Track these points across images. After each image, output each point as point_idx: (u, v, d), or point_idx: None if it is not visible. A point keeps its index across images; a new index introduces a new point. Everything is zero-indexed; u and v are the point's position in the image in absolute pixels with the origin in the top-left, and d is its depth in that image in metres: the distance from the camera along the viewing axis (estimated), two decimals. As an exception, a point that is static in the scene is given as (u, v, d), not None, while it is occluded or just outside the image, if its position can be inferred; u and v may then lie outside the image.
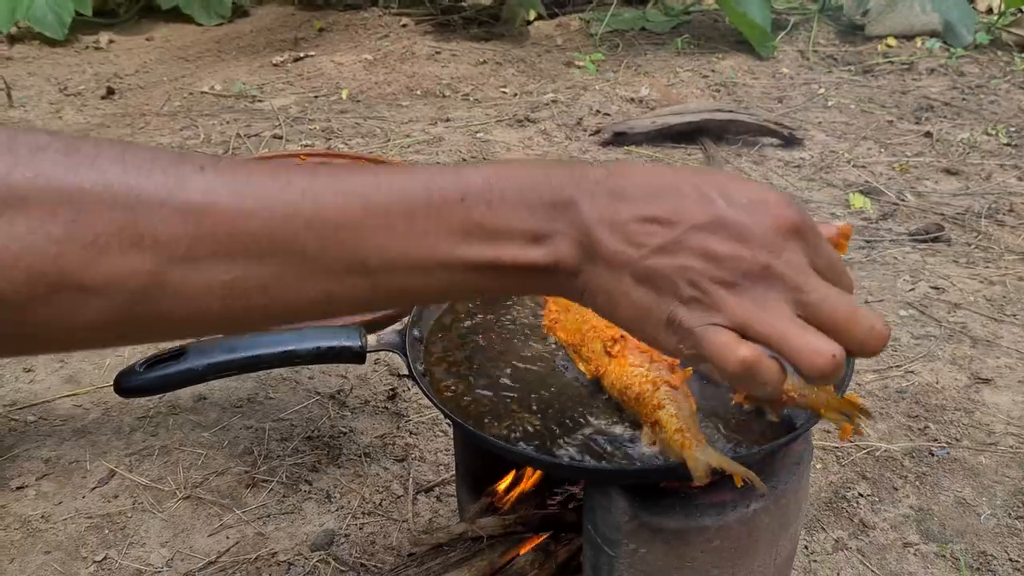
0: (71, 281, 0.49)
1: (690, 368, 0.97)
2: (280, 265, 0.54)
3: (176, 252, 0.51)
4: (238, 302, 0.54)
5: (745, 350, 0.56)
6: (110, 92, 3.39)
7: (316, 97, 3.32)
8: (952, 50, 3.71)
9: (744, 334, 0.57)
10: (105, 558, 1.31)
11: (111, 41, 4.11)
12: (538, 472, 1.10)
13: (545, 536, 1.06)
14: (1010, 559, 1.30)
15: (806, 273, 0.58)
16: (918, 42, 3.79)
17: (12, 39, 4.00)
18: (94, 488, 1.44)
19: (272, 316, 0.57)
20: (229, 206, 0.53)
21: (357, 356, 1.06)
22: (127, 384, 1.04)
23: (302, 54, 3.80)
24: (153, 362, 1.04)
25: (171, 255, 0.51)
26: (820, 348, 0.56)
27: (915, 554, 1.32)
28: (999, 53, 3.72)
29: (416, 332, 1.08)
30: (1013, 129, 2.94)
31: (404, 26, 4.14)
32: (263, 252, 0.54)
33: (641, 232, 0.57)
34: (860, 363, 1.74)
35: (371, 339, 1.07)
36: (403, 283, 0.58)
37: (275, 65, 3.70)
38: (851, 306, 0.58)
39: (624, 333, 0.98)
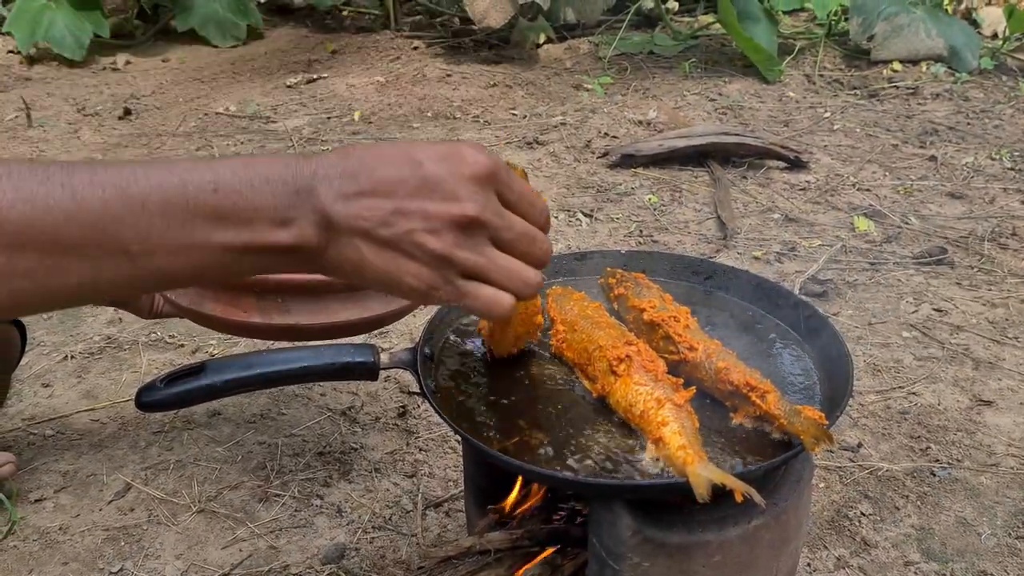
0: None
1: (694, 388, 1.00)
2: (40, 254, 0.59)
3: None
4: (1, 286, 0.59)
5: (505, 299, 0.72)
6: (127, 112, 3.45)
7: (329, 118, 3.38)
8: (957, 75, 3.74)
9: (476, 278, 0.71)
10: (121, 570, 1.34)
11: (128, 62, 4.18)
12: (545, 487, 1.12)
13: (552, 550, 1.09)
14: (1010, 578, 1.32)
15: (502, 214, 0.72)
16: (923, 67, 3.83)
17: (31, 60, 4.08)
18: (111, 501, 1.47)
19: (37, 299, 0.62)
20: None
21: (370, 372, 1.10)
22: (148, 399, 1.07)
23: (315, 76, 3.86)
24: (173, 378, 1.07)
25: None
26: (529, 277, 0.74)
27: (916, 573, 1.34)
28: (1004, 78, 3.76)
29: (427, 350, 1.11)
30: (1017, 153, 2.97)
31: (416, 49, 4.20)
32: (23, 243, 0.58)
33: (369, 206, 0.68)
34: (864, 385, 1.76)
35: (384, 357, 1.10)
36: (164, 265, 0.64)
37: (289, 86, 3.76)
38: (534, 237, 0.75)
39: (630, 353, 1.02)
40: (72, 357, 1.86)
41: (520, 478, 1.11)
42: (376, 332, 1.94)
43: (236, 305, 1.12)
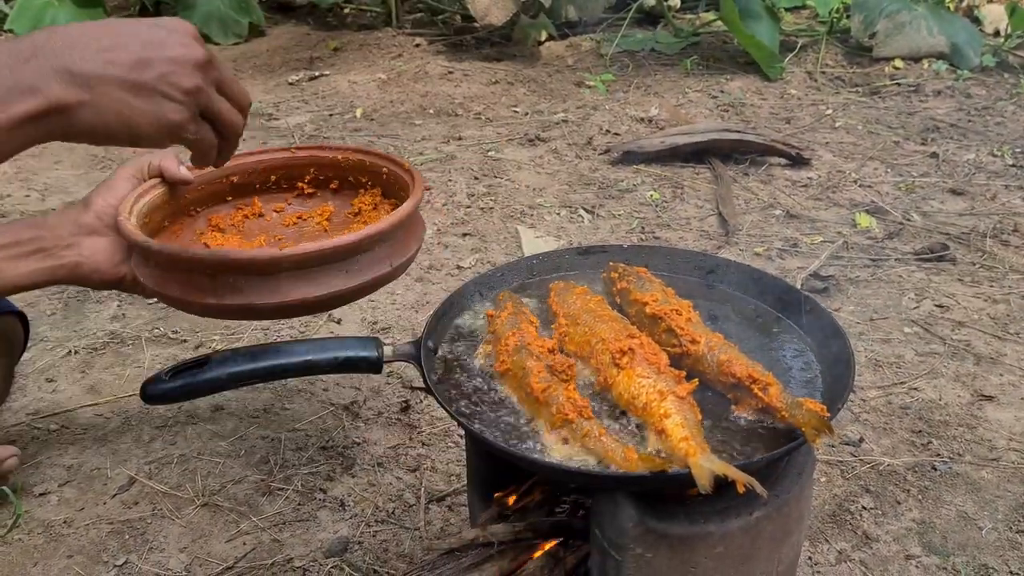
0: None
1: (696, 380, 1.01)
2: None
3: None
4: None
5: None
6: (129, 110, 3.45)
7: (331, 115, 3.38)
8: (959, 72, 3.74)
9: (210, 118, 0.88)
10: (125, 562, 1.35)
11: (130, 60, 4.18)
12: (548, 478, 1.13)
13: (554, 543, 1.09)
14: (1011, 572, 1.33)
15: (211, 94, 0.87)
16: (925, 64, 3.83)
17: (33, 57, 4.08)
18: (115, 495, 1.48)
19: None
20: None
21: (374, 366, 1.10)
22: (153, 391, 1.08)
23: (317, 73, 3.86)
24: (178, 370, 1.08)
25: None
26: (239, 123, 0.94)
27: (917, 566, 1.34)
28: (1005, 75, 3.76)
29: (430, 343, 1.12)
30: (1019, 150, 2.97)
31: (417, 46, 4.20)
32: None
33: (115, 57, 0.77)
34: (865, 380, 1.77)
35: (387, 350, 1.11)
36: None
37: (291, 84, 3.77)
38: (237, 118, 0.93)
39: (632, 346, 1.02)
40: (76, 352, 1.86)
41: (523, 470, 1.11)
42: (379, 328, 1.94)
43: (192, 286, 1.13)
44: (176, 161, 1.32)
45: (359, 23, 4.71)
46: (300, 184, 1.47)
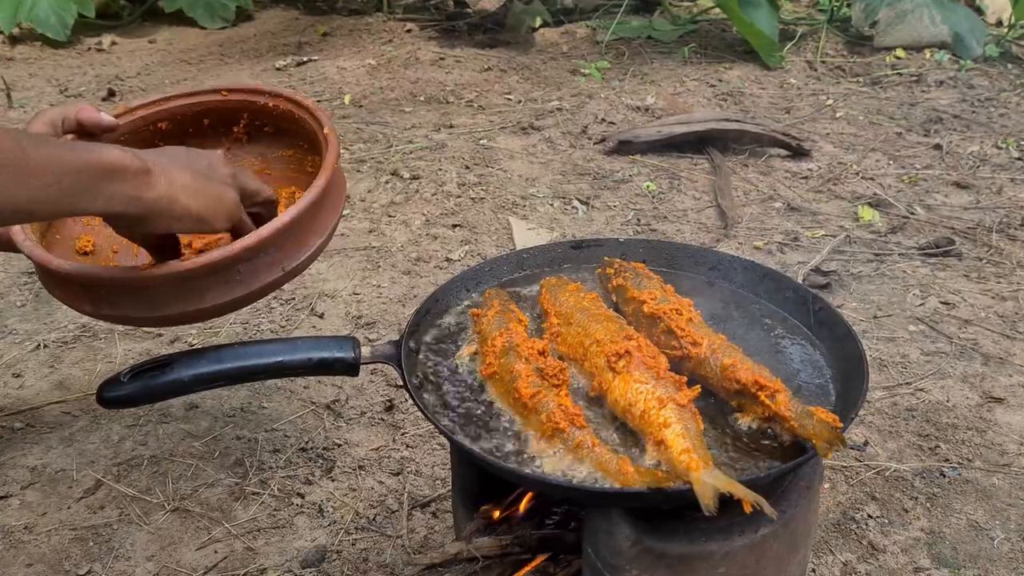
0: None
1: (698, 387, 0.93)
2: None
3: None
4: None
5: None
6: (111, 94, 3.37)
7: (319, 101, 3.29)
8: (961, 62, 3.67)
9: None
10: (89, 571, 1.27)
11: (113, 43, 4.08)
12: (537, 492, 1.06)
13: (543, 558, 1.03)
14: (1025, 586, 1.26)
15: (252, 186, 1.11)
16: (927, 54, 3.75)
17: (14, 40, 3.98)
18: (80, 499, 1.40)
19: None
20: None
21: (350, 368, 1.03)
22: (110, 395, 1.00)
23: (305, 58, 3.77)
24: (138, 372, 1.00)
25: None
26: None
27: (926, 579, 1.27)
28: (1009, 66, 3.68)
29: (412, 344, 1.04)
30: (1024, 142, 2.91)
31: (408, 32, 4.11)
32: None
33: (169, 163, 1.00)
34: (870, 380, 1.69)
35: (365, 351, 1.03)
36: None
37: (278, 69, 3.67)
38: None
39: (629, 348, 0.95)
40: (45, 346, 1.78)
41: (508, 481, 1.04)
42: (364, 322, 1.86)
43: (70, 294, 1.11)
44: (94, 109, 1.22)
45: (349, 8, 4.61)
46: (235, 129, 1.38)
